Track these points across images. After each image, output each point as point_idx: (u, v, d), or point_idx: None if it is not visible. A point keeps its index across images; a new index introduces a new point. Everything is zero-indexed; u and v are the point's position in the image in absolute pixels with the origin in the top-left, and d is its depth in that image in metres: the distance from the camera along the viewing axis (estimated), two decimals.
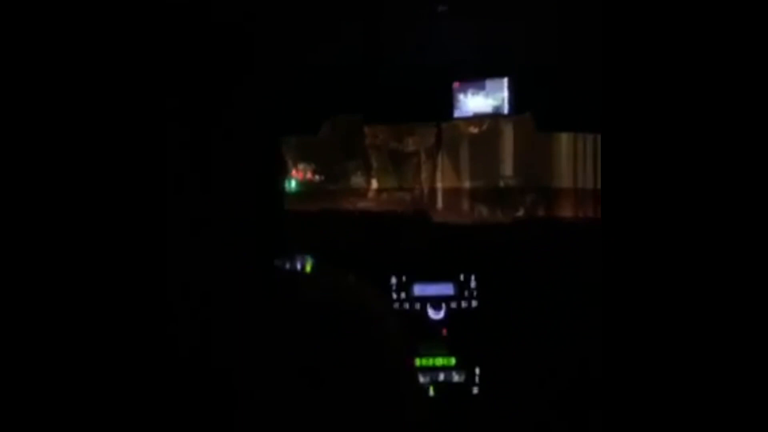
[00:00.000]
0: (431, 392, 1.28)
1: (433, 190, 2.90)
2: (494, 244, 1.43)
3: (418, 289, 1.36)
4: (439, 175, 2.98)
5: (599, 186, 2.18)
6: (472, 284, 1.36)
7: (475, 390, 1.29)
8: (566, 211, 2.28)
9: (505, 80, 1.13)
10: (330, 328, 0.42)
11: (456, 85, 1.16)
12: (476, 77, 1.15)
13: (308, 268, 1.39)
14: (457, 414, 1.24)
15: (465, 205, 2.86)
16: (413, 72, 1.16)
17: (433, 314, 1.34)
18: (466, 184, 3.18)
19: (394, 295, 1.35)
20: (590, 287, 1.33)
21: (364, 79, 1.21)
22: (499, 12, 1.00)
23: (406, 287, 1.36)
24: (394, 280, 1.37)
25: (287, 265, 1.38)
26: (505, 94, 1.14)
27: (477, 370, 1.30)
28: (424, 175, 2.89)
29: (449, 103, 1.16)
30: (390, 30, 1.08)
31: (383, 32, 1.08)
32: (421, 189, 2.86)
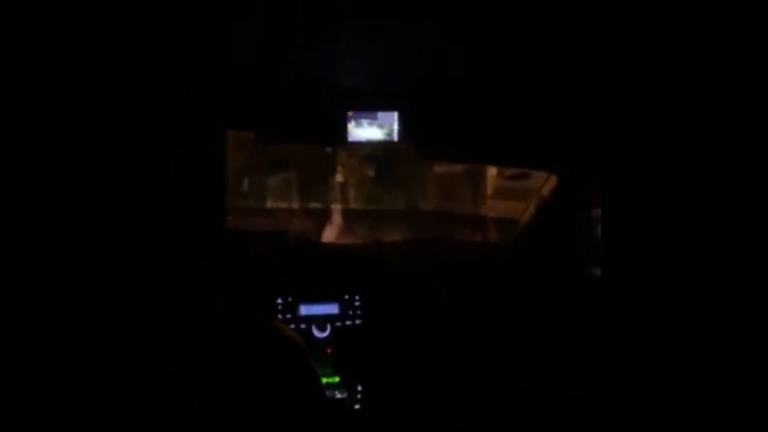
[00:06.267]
0: None
1: (323, 212, 2.92)
2: (377, 266, 1.50)
3: (305, 309, 1.38)
4: (330, 197, 3.01)
5: (474, 211, 2.38)
6: (356, 304, 1.41)
7: (357, 406, 1.33)
8: (447, 233, 2.44)
9: (396, 114, 1.24)
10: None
11: (350, 113, 1.24)
12: (370, 109, 1.24)
13: None
14: (339, 428, 1.26)
15: (352, 227, 2.93)
16: (311, 98, 1.22)
17: (318, 333, 1.36)
18: (355, 207, 3.25)
19: (281, 316, 1.36)
20: (467, 306, 1.45)
21: (263, 97, 1.22)
22: (392, 52, 1.10)
23: (292, 307, 1.38)
24: (280, 301, 1.38)
25: None
26: (395, 126, 1.24)
27: (359, 387, 1.34)
28: (315, 197, 2.90)
29: (344, 130, 1.23)
30: (291, 50, 1.11)
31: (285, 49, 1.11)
32: (310, 211, 2.87)
